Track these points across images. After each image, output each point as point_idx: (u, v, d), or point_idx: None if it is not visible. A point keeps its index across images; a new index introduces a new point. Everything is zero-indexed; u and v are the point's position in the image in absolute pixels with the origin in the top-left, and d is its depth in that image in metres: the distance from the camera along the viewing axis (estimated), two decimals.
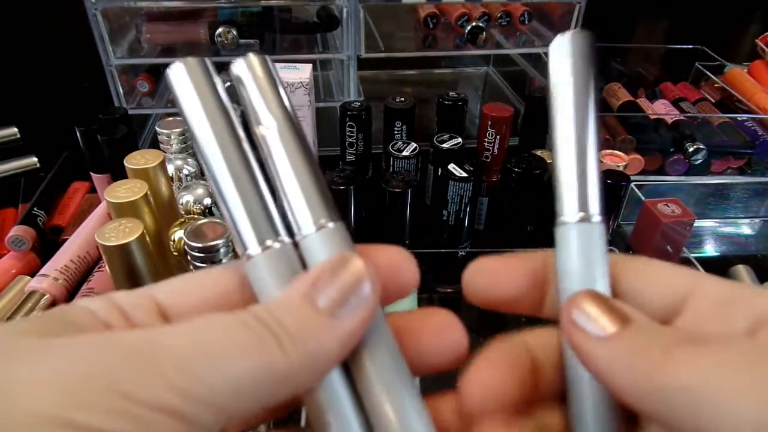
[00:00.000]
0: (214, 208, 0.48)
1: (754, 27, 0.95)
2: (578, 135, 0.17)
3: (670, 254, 0.54)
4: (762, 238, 0.63)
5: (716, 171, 0.71)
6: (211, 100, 0.16)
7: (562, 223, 0.18)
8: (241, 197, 0.16)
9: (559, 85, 0.17)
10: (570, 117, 0.17)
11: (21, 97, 0.75)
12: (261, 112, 0.17)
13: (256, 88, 0.17)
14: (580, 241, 0.17)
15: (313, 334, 0.14)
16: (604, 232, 0.18)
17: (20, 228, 0.51)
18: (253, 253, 0.16)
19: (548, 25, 0.73)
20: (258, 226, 0.16)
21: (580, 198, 0.17)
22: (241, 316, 0.14)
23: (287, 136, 0.17)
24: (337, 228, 0.16)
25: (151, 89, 0.71)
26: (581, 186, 0.17)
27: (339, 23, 0.65)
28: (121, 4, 0.62)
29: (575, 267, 0.17)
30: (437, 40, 0.72)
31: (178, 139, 0.54)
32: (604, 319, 0.15)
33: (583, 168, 0.17)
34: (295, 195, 0.16)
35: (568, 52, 0.17)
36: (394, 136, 0.59)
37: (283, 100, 0.17)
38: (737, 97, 0.77)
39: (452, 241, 0.52)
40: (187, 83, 0.16)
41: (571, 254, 0.17)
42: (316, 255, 0.16)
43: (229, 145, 0.16)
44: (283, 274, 0.16)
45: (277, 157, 0.17)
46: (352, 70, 0.67)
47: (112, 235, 0.37)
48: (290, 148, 0.17)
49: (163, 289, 0.16)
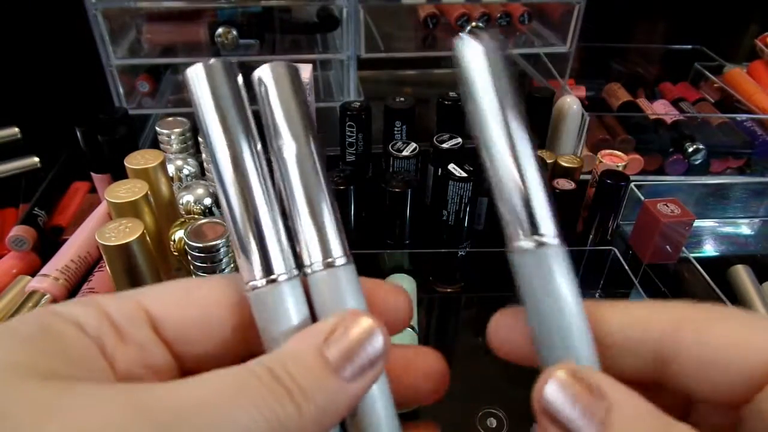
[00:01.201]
0: (215, 208, 0.48)
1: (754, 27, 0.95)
2: (507, 145, 0.16)
3: (670, 254, 0.54)
4: (761, 238, 0.63)
5: (715, 171, 0.71)
6: (232, 113, 0.15)
7: (515, 250, 0.16)
8: (251, 226, 0.15)
9: (473, 94, 0.16)
10: (492, 127, 0.16)
11: (21, 97, 0.75)
12: (283, 129, 0.16)
13: (281, 103, 0.16)
14: (538, 269, 0.15)
15: (325, 390, 0.14)
16: (564, 256, 0.16)
17: (21, 228, 0.51)
18: (258, 285, 0.15)
19: (548, 25, 0.73)
20: (265, 256, 0.15)
21: (528, 219, 0.15)
22: (254, 370, 0.14)
23: (306, 162, 0.16)
24: (345, 267, 0.16)
25: (151, 89, 0.71)
26: (526, 204, 0.15)
27: (339, 23, 0.65)
28: (121, 4, 0.62)
29: (541, 297, 0.15)
30: (437, 40, 0.72)
31: (178, 139, 0.54)
32: (581, 414, 0.14)
33: (522, 182, 0.15)
34: (308, 225, 0.16)
35: (477, 59, 0.16)
36: (394, 136, 0.59)
37: (308, 119, 0.16)
38: (737, 97, 0.77)
39: (452, 241, 0.52)
40: (206, 90, 0.15)
41: (532, 286, 0.15)
42: (323, 293, 0.16)
43: (246, 168, 0.15)
44: (287, 310, 0.15)
45: (293, 181, 0.16)
46: (352, 70, 0.67)
47: (113, 235, 0.37)
48: (308, 174, 0.16)
49: (155, 298, 0.16)
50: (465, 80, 0.16)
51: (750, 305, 0.51)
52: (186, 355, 0.16)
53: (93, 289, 0.46)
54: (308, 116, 0.16)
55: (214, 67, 0.15)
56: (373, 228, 0.54)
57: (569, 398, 0.14)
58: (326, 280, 0.16)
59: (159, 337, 0.15)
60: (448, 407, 0.43)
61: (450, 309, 0.54)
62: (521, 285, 0.16)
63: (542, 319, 0.16)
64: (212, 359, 0.16)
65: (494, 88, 0.16)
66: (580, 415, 0.14)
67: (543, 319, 0.16)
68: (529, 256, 0.15)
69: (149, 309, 0.15)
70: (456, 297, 0.54)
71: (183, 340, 0.16)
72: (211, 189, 0.49)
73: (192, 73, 0.15)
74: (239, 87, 0.16)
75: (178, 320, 0.16)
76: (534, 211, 0.15)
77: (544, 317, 0.15)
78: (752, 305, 0.51)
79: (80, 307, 0.15)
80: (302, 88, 0.16)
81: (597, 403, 0.14)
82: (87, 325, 0.14)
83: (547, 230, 0.16)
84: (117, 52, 0.63)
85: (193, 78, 0.15)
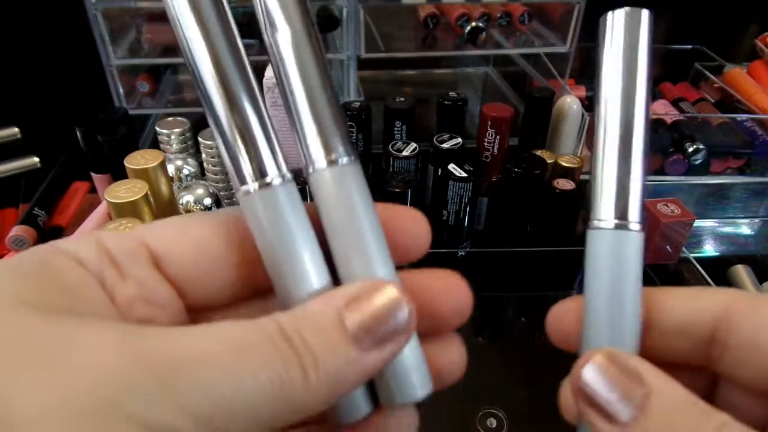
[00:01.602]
0: (215, 208, 0.48)
1: (754, 27, 0.95)
2: (624, 133, 0.15)
3: (670, 254, 0.54)
4: (761, 238, 0.63)
5: (715, 171, 0.71)
6: (209, 12, 0.14)
7: (597, 227, 0.16)
8: (237, 127, 0.14)
9: (609, 72, 0.16)
10: (617, 115, 0.15)
11: (21, 97, 0.75)
12: (277, 17, 0.15)
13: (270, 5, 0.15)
14: (615, 249, 0.16)
15: (338, 358, 0.13)
16: (642, 244, 0.16)
17: (21, 228, 0.51)
18: (250, 189, 0.14)
19: (548, 25, 0.73)
20: (257, 158, 0.14)
21: (619, 201, 0.15)
22: (266, 329, 0.13)
23: (304, 50, 0.14)
24: (350, 165, 0.15)
25: (151, 89, 0.71)
26: (622, 188, 0.15)
27: (339, 23, 0.65)
28: (121, 5, 0.62)
29: (605, 279, 0.16)
30: (437, 40, 0.72)
31: (178, 139, 0.54)
32: (619, 397, 0.14)
33: (627, 167, 0.15)
34: (308, 121, 0.15)
35: (624, 34, 0.16)
36: (394, 136, 0.59)
37: (304, 5, 0.15)
38: (737, 97, 0.77)
39: (452, 241, 0.52)
40: None
41: (603, 263, 0.16)
42: (327, 193, 0.15)
43: (229, 62, 0.14)
44: (284, 216, 0.14)
45: (290, 73, 0.15)
46: (352, 70, 0.67)
47: None
48: (306, 65, 0.15)
49: (156, 234, 0.15)
50: (606, 54, 0.16)
51: None
52: (192, 294, 0.15)
53: None
54: (305, 4, 0.15)
55: None
56: None
57: (608, 382, 0.14)
58: (330, 179, 0.14)
59: (162, 274, 0.15)
60: (448, 407, 0.43)
61: None
62: (589, 262, 0.16)
63: (600, 294, 0.16)
64: (219, 299, 0.16)
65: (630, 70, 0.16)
66: (617, 399, 0.14)
67: (601, 294, 0.16)
68: (610, 235, 0.16)
69: (150, 245, 0.15)
70: None
71: (185, 277, 0.15)
72: (211, 189, 0.49)
73: None
74: None
75: (180, 256, 0.15)
76: (629, 195, 0.15)
77: (602, 293, 0.16)
78: None
79: (80, 243, 0.14)
80: None
81: (635, 387, 0.14)
82: (87, 260, 0.14)
83: (635, 217, 0.16)
84: (117, 52, 0.63)
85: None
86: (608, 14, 0.16)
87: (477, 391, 0.44)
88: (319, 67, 0.15)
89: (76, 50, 0.67)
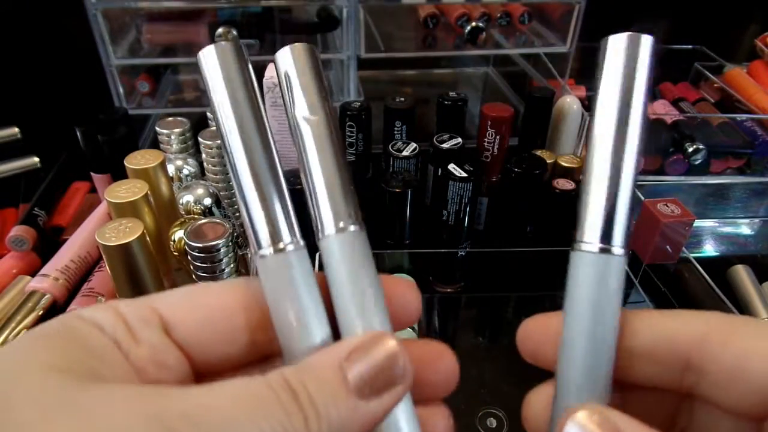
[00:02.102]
0: (215, 208, 0.48)
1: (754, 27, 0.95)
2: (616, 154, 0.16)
3: (670, 254, 0.54)
4: (761, 238, 0.63)
5: (715, 171, 0.71)
6: (241, 89, 0.16)
7: (581, 249, 0.16)
8: (260, 198, 0.16)
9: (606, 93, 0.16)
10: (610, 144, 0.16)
11: (21, 97, 0.75)
12: (300, 102, 0.17)
13: (299, 77, 0.17)
14: (597, 272, 0.16)
15: (340, 409, 0.14)
16: (624, 268, 0.16)
17: (21, 228, 0.51)
18: (266, 253, 0.16)
19: (548, 25, 0.73)
20: (273, 226, 0.16)
21: (604, 225, 0.16)
22: (272, 382, 0.14)
23: (324, 132, 0.16)
24: (357, 233, 0.16)
25: (151, 89, 0.71)
26: (609, 212, 0.16)
27: (339, 23, 0.65)
28: (121, 4, 0.62)
29: (585, 303, 0.16)
30: (437, 40, 0.72)
31: (178, 139, 0.54)
32: None
33: (615, 193, 0.16)
34: (321, 192, 0.16)
35: (625, 55, 0.16)
36: (394, 136, 0.59)
37: (325, 93, 0.17)
38: (737, 97, 0.77)
39: (452, 241, 0.52)
40: (218, 69, 0.16)
41: (584, 285, 0.16)
42: (334, 258, 0.16)
43: (256, 140, 0.16)
44: (295, 280, 0.16)
45: (308, 149, 0.16)
46: (352, 70, 0.67)
47: (112, 235, 0.37)
48: (325, 144, 0.16)
49: (167, 302, 0.16)
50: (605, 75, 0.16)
51: (750, 305, 0.51)
52: (199, 357, 0.17)
53: (93, 289, 0.46)
54: (325, 90, 0.17)
55: (225, 48, 0.16)
56: (373, 228, 0.54)
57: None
58: (338, 245, 0.16)
59: (170, 339, 0.16)
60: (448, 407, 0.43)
61: (450, 309, 0.54)
62: (570, 283, 0.16)
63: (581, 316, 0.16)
64: (225, 363, 0.17)
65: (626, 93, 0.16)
66: None
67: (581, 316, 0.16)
68: (593, 258, 0.16)
69: (161, 312, 0.16)
70: (456, 297, 0.54)
71: (193, 342, 0.16)
72: (211, 189, 0.49)
73: (204, 55, 0.16)
74: (247, 66, 0.17)
75: (188, 323, 0.16)
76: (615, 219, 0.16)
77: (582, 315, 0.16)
78: (752, 305, 0.51)
79: (99, 311, 0.15)
80: (319, 65, 0.17)
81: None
82: (105, 326, 0.15)
83: (619, 241, 0.16)
84: (117, 52, 0.63)
85: (205, 59, 0.16)
86: (609, 38, 0.16)
87: (477, 391, 0.44)
88: (335, 148, 0.17)
89: (76, 50, 0.67)
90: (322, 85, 0.17)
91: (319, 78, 0.17)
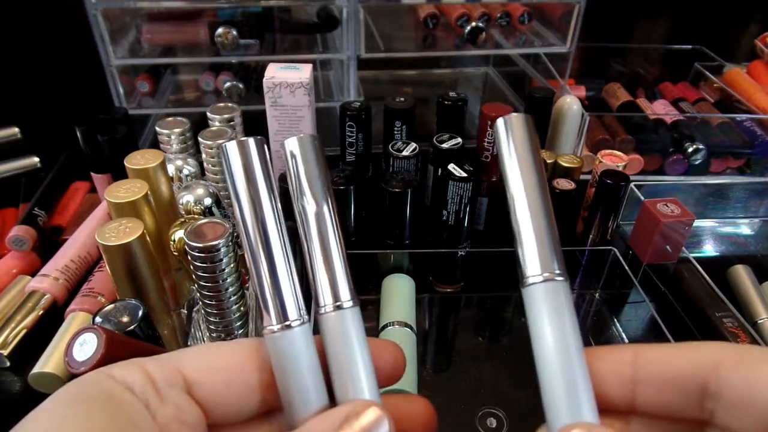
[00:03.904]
0: (214, 207, 0.48)
1: (754, 27, 0.95)
2: (531, 199, 0.18)
3: (670, 254, 0.54)
4: (761, 238, 0.63)
5: (715, 171, 0.71)
6: (262, 186, 0.18)
7: (528, 284, 0.18)
8: (271, 285, 0.18)
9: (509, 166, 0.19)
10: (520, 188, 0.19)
11: (22, 97, 0.75)
12: (306, 192, 0.19)
13: (305, 170, 0.19)
14: (548, 298, 0.18)
15: None
16: (567, 290, 0.18)
17: (21, 228, 0.51)
18: (275, 329, 0.18)
19: (548, 26, 0.73)
20: (282, 307, 0.18)
21: (542, 259, 0.18)
22: None
23: (324, 220, 0.19)
24: (352, 309, 0.19)
25: (151, 89, 0.71)
26: (542, 247, 0.18)
27: (339, 23, 0.65)
28: (121, 5, 0.62)
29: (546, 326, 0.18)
30: (437, 40, 0.72)
31: (178, 139, 0.54)
32: None
33: (540, 231, 0.18)
34: (322, 273, 0.19)
35: (510, 133, 0.19)
36: (394, 136, 0.59)
37: (328, 183, 0.19)
38: (736, 97, 0.77)
39: (452, 241, 0.52)
40: (238, 164, 0.18)
41: (541, 315, 0.18)
42: (332, 331, 0.19)
43: (269, 236, 0.18)
44: (298, 351, 0.18)
45: (312, 235, 0.19)
46: (352, 70, 0.67)
47: (113, 235, 0.37)
48: (324, 230, 0.19)
49: (190, 363, 0.18)
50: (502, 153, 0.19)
51: (750, 305, 0.51)
52: (215, 413, 0.18)
53: (93, 289, 0.46)
54: (327, 180, 0.19)
55: (247, 144, 0.18)
56: (373, 228, 0.54)
57: None
58: (335, 320, 0.19)
59: (192, 398, 0.18)
60: (448, 407, 0.43)
61: (450, 309, 0.54)
62: (529, 317, 0.18)
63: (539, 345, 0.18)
64: (237, 416, 0.19)
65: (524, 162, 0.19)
66: None
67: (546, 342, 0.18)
68: (540, 288, 0.18)
69: (185, 373, 0.18)
70: (456, 297, 0.54)
71: (212, 401, 0.18)
72: (211, 189, 0.49)
73: (228, 148, 0.19)
74: (267, 160, 0.19)
75: (209, 384, 0.18)
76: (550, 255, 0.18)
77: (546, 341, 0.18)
78: (752, 305, 0.51)
79: (129, 372, 0.17)
80: (323, 157, 0.20)
81: None
82: (135, 388, 0.17)
83: (559, 268, 0.18)
84: (117, 52, 0.63)
85: (229, 152, 0.18)
86: (498, 120, 0.19)
87: (477, 391, 0.44)
88: (334, 233, 0.19)
89: (76, 50, 0.68)
90: (325, 175, 0.19)
91: (323, 168, 0.20)
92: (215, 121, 0.55)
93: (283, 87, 0.52)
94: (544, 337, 0.18)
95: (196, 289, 0.40)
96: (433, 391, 0.44)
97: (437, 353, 0.49)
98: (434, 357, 0.48)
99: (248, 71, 0.74)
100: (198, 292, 0.39)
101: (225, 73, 0.72)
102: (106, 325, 0.34)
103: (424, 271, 0.54)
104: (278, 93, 0.52)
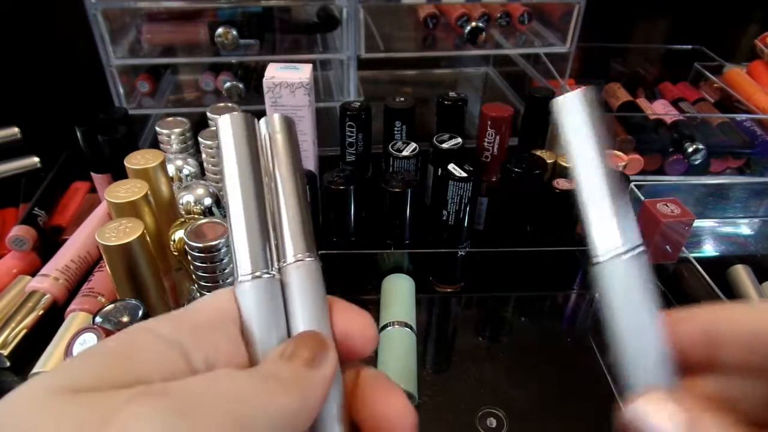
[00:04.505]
0: (214, 207, 0.48)
1: (754, 27, 0.95)
2: (601, 176, 0.18)
3: (670, 254, 0.54)
4: (761, 238, 0.63)
5: (715, 171, 0.71)
6: (246, 154, 0.20)
7: (601, 261, 0.18)
8: (246, 233, 0.20)
9: (574, 143, 0.19)
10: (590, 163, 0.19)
11: (22, 97, 0.75)
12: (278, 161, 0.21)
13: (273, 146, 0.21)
14: (626, 273, 0.18)
15: (303, 381, 0.17)
16: (646, 261, 0.18)
17: (21, 228, 0.51)
18: (243, 279, 0.19)
19: (548, 26, 0.73)
20: (254, 258, 0.19)
21: (620, 232, 0.18)
22: (261, 372, 0.17)
23: (290, 189, 0.21)
24: (312, 263, 0.20)
25: (151, 89, 0.71)
26: (615, 221, 0.18)
27: (339, 23, 0.65)
28: (121, 5, 0.62)
29: (623, 301, 0.18)
30: (437, 40, 0.72)
31: (178, 139, 0.54)
32: None
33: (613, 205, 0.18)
34: (286, 231, 0.21)
35: (577, 108, 0.19)
36: (394, 136, 0.59)
37: (296, 157, 0.21)
38: (736, 97, 0.77)
39: (452, 241, 0.52)
40: (230, 135, 0.20)
41: (617, 291, 0.18)
42: (292, 283, 0.20)
43: (250, 192, 0.20)
44: (264, 301, 0.19)
45: (281, 200, 0.21)
46: (352, 70, 0.67)
47: (113, 235, 0.37)
48: (288, 195, 0.21)
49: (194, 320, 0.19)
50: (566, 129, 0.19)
51: None
52: None
53: (93, 289, 0.46)
54: (296, 154, 0.21)
55: (237, 118, 0.20)
56: (373, 228, 0.54)
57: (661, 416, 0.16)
58: (294, 271, 0.20)
59: None
60: (448, 407, 0.43)
61: (450, 309, 0.54)
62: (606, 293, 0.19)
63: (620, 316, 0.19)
64: None
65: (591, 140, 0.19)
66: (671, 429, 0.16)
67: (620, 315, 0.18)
68: (616, 264, 0.18)
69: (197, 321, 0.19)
70: (456, 297, 0.54)
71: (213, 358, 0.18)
72: (211, 189, 0.49)
73: (221, 122, 0.20)
74: (255, 134, 0.20)
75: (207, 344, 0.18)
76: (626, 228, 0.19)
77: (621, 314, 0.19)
78: None
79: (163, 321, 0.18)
80: (293, 133, 0.21)
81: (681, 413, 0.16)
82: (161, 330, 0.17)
83: (637, 240, 0.18)
84: (117, 52, 0.63)
85: (222, 126, 0.20)
86: (558, 98, 0.19)
87: (477, 391, 0.44)
88: (300, 196, 0.21)
89: (76, 50, 0.68)
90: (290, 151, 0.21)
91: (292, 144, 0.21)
92: (215, 121, 0.55)
93: (283, 87, 0.52)
94: (625, 306, 0.18)
95: (196, 289, 0.40)
96: (433, 391, 0.44)
97: (437, 353, 0.49)
98: (434, 357, 0.48)
99: (248, 71, 0.74)
100: (198, 292, 0.40)
101: (225, 73, 0.72)
102: (106, 325, 0.34)
103: (424, 271, 0.54)
104: (278, 93, 0.52)
